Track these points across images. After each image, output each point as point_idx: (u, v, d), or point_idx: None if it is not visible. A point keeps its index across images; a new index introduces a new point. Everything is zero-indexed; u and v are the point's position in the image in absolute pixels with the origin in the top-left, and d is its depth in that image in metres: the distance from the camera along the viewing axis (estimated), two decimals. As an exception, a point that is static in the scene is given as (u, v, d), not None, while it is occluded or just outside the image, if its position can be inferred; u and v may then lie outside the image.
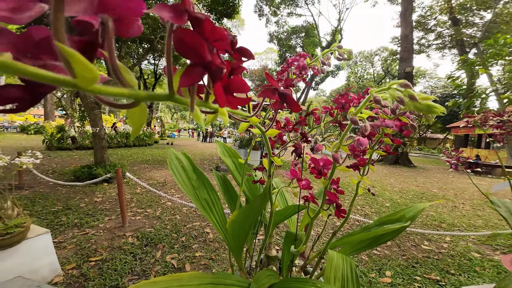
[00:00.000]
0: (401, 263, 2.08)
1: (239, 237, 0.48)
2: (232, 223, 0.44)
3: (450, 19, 16.42)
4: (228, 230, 0.47)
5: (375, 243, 0.65)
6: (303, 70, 0.49)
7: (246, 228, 0.45)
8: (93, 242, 2.08)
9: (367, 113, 0.40)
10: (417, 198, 4.57)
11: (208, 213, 0.55)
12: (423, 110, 0.33)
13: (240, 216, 0.42)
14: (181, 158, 0.60)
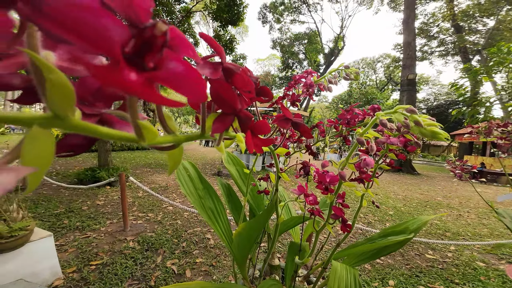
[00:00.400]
0: (405, 272, 2.04)
1: (244, 248, 0.48)
2: (238, 235, 0.44)
3: (452, 26, 16.50)
4: (234, 241, 0.47)
5: (378, 254, 0.65)
6: (310, 87, 0.51)
7: (251, 240, 0.46)
8: (94, 245, 2.08)
9: (373, 133, 0.41)
10: (421, 207, 4.50)
11: (213, 223, 0.55)
12: (428, 135, 0.34)
13: (246, 229, 0.43)
14: (188, 167, 0.61)
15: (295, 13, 23.57)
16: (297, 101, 0.50)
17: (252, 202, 0.65)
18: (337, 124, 0.51)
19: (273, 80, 31.16)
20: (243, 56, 8.14)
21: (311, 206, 0.44)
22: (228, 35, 6.48)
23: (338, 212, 0.41)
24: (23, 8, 0.09)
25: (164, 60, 0.11)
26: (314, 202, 0.43)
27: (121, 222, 2.55)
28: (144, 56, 0.10)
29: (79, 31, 0.09)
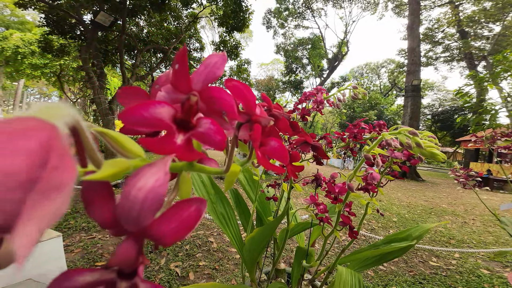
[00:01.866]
0: (408, 279, 2.03)
1: (255, 251, 0.51)
2: (251, 239, 0.47)
3: (458, 32, 16.46)
4: (246, 244, 0.50)
5: (382, 260, 0.67)
6: (320, 104, 0.54)
7: (263, 244, 0.48)
8: (99, 246, 2.12)
9: (379, 151, 0.44)
10: (425, 214, 4.45)
11: (224, 227, 0.58)
12: (427, 155, 0.37)
13: (259, 233, 0.46)
14: (201, 174, 0.64)
15: (299, 19, 23.82)
16: (307, 115, 0.53)
17: (260, 208, 0.68)
18: (344, 136, 0.54)
19: (276, 84, 31.32)
20: (247, 61, 8.24)
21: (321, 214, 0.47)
22: (234, 41, 6.61)
23: (346, 220, 0.44)
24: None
25: (268, 139, 0.18)
26: (324, 211, 0.46)
27: (126, 224, 2.59)
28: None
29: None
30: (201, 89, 0.15)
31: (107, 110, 4.54)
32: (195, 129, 0.14)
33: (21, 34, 13.54)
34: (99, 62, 4.97)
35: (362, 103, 31.15)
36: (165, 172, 0.11)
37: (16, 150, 0.07)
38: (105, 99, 4.65)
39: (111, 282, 0.12)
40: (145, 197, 0.10)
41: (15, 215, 0.07)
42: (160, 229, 0.12)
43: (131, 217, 0.10)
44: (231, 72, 8.97)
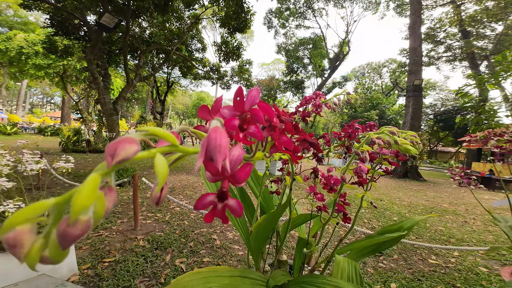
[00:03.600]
0: (407, 276, 2.07)
1: (260, 239, 0.56)
2: (258, 226, 0.52)
3: (460, 32, 16.37)
4: (253, 232, 0.55)
5: (377, 250, 0.72)
6: (319, 108, 0.60)
7: (267, 232, 0.53)
8: (106, 243, 2.19)
9: (367, 147, 0.50)
10: (426, 213, 4.47)
11: (232, 219, 0.64)
12: (403, 150, 0.43)
13: (265, 220, 0.50)
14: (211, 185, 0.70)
15: (300, 18, 23.80)
16: (307, 117, 0.59)
17: (264, 203, 0.73)
18: (341, 136, 0.59)
19: (277, 84, 31.32)
20: (249, 62, 8.30)
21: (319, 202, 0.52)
22: (236, 42, 6.66)
23: (340, 207, 0.49)
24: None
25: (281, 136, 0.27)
26: (321, 199, 0.51)
27: (131, 222, 2.65)
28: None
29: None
30: (249, 110, 0.25)
31: (111, 110, 4.62)
32: (247, 131, 0.25)
33: (25, 35, 13.69)
34: (103, 63, 5.05)
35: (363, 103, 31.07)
36: (241, 148, 0.22)
37: (225, 141, 0.19)
38: (110, 100, 4.72)
39: (215, 202, 0.24)
40: (236, 159, 0.21)
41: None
42: (238, 175, 0.22)
43: (229, 168, 0.20)
44: (232, 72, 9.03)
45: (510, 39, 14.06)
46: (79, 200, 0.14)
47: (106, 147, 0.17)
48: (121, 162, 0.17)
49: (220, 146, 0.18)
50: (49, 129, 18.64)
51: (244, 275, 0.47)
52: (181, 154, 0.22)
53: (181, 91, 21.01)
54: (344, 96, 0.61)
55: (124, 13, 4.93)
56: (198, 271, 0.44)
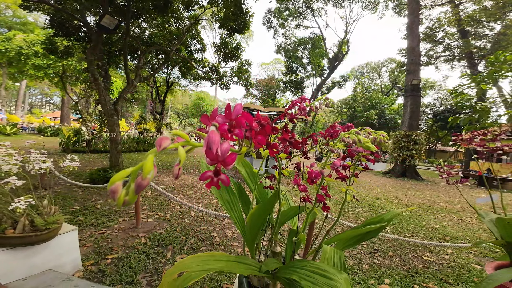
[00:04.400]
0: (401, 272, 2.13)
1: (254, 228, 0.62)
2: (252, 215, 0.58)
3: (458, 31, 16.45)
4: (248, 221, 0.61)
5: (362, 240, 0.78)
6: (303, 110, 0.66)
7: (260, 221, 0.59)
8: (109, 241, 2.25)
9: (341, 146, 0.56)
10: (422, 212, 4.54)
11: (229, 211, 0.70)
12: (365, 147, 0.49)
13: (258, 210, 0.56)
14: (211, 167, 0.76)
15: (299, 18, 23.82)
16: (295, 118, 0.65)
17: (258, 196, 0.79)
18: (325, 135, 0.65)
19: (277, 84, 31.35)
20: (248, 62, 8.36)
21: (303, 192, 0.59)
22: (235, 43, 6.72)
23: (320, 198, 0.55)
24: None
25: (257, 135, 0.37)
26: (304, 190, 0.58)
27: (132, 220, 2.72)
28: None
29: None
30: (234, 118, 0.35)
31: (112, 110, 4.67)
32: (233, 132, 0.35)
33: (24, 35, 13.70)
34: (103, 64, 5.09)
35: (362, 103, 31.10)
36: (229, 144, 0.31)
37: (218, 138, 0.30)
38: (110, 100, 4.77)
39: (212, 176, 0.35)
40: (225, 149, 0.30)
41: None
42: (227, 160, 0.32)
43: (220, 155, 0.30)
44: (232, 72, 9.08)
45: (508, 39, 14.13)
46: (146, 167, 0.27)
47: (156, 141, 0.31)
48: (163, 149, 0.29)
49: (214, 141, 0.30)
50: (49, 129, 18.65)
51: (239, 261, 0.53)
52: (191, 146, 0.34)
53: (180, 91, 21.03)
54: (323, 101, 0.68)
55: (124, 15, 4.98)
56: (198, 255, 0.50)
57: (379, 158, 0.87)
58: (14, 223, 1.32)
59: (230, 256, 0.53)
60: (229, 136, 0.33)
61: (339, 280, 0.44)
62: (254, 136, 0.37)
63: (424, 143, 10.71)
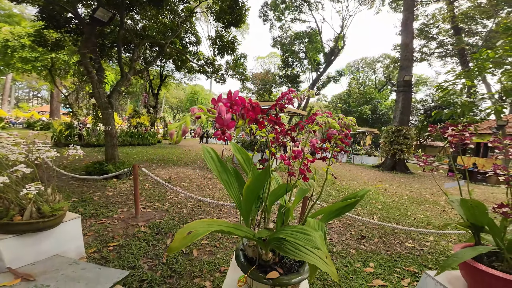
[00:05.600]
0: (385, 257, 2.31)
1: (249, 201, 0.72)
2: (246, 189, 0.69)
3: (452, 28, 16.70)
4: (243, 195, 0.71)
5: (341, 213, 0.90)
6: (290, 100, 0.77)
7: (254, 195, 0.69)
8: (109, 230, 2.33)
9: (317, 127, 0.67)
10: (408, 202, 4.78)
11: (228, 189, 0.80)
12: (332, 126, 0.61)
13: (252, 183, 0.66)
14: (211, 152, 0.87)
15: (296, 12, 23.60)
16: (284, 108, 0.77)
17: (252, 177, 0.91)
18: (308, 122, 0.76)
19: (273, 78, 31.22)
20: (244, 56, 8.34)
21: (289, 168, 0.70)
22: (230, 36, 6.69)
23: (302, 171, 0.66)
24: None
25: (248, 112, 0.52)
26: (289, 164, 0.69)
27: (131, 210, 2.80)
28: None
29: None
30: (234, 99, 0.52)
31: (106, 104, 4.65)
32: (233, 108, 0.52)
33: (11, 28, 13.13)
34: (96, 57, 5.02)
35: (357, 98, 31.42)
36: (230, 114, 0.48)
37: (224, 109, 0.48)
38: (104, 93, 4.74)
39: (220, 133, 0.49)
40: (228, 117, 0.47)
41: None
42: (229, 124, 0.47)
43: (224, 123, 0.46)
44: (227, 66, 9.05)
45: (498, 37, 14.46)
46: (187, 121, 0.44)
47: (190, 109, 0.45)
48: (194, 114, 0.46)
49: (222, 110, 0.46)
50: (38, 123, 18.18)
51: (237, 227, 0.64)
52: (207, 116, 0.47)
53: (174, 84, 20.73)
54: (306, 92, 0.79)
55: (118, 7, 4.89)
56: (202, 220, 0.60)
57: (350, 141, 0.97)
58: (21, 210, 1.39)
59: (230, 224, 0.64)
60: (230, 110, 0.49)
61: (314, 235, 0.56)
62: (247, 112, 0.52)
63: (414, 138, 11.05)
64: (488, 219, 1.13)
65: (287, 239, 0.59)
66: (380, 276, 1.97)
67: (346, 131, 0.72)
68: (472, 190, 1.34)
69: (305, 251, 0.58)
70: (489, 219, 1.15)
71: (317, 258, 0.56)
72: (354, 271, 1.99)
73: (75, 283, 1.27)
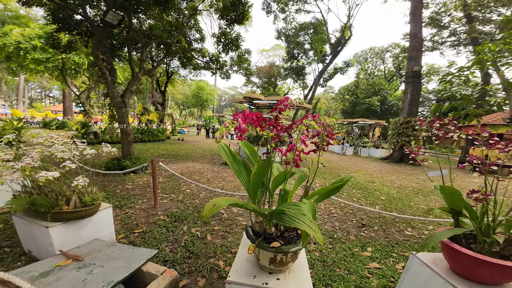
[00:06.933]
0: (383, 243, 2.49)
1: (256, 184, 0.93)
2: (254, 175, 0.89)
3: (465, 16, 15.96)
4: (251, 179, 0.93)
5: (330, 194, 1.10)
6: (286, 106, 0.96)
7: (259, 179, 0.90)
8: (133, 219, 2.63)
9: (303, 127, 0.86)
10: (413, 194, 4.88)
11: (238, 176, 1.02)
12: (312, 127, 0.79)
13: (258, 170, 0.87)
14: (225, 147, 1.09)
15: (300, 2, 23.07)
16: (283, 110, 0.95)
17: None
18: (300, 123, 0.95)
19: (278, 71, 30.90)
20: (248, 51, 8.44)
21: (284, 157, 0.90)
22: (234, 33, 6.80)
23: (295, 160, 0.87)
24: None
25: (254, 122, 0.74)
26: (284, 154, 0.89)
27: (150, 201, 3.09)
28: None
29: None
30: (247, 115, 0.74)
31: (120, 103, 4.94)
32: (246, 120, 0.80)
33: (21, 30, 13.61)
34: (108, 58, 5.28)
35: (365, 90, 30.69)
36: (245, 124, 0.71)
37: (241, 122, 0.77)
38: (118, 93, 5.03)
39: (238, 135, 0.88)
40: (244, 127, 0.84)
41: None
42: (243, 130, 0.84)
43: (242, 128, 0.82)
44: (232, 62, 9.17)
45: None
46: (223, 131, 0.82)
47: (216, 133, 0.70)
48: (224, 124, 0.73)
49: (241, 123, 0.81)
50: (54, 122, 19.01)
51: (248, 204, 0.85)
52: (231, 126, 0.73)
53: (180, 81, 21.01)
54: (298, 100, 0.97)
55: (126, 9, 5.09)
56: (222, 198, 0.81)
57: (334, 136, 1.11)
58: (67, 201, 1.66)
59: (243, 201, 0.85)
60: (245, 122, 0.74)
61: (303, 206, 0.77)
62: (254, 122, 0.75)
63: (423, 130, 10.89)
64: (465, 204, 1.29)
65: (284, 212, 0.79)
66: (376, 260, 2.15)
67: (329, 129, 0.92)
68: (453, 178, 1.49)
69: (297, 220, 0.78)
70: (466, 204, 1.32)
71: (304, 225, 0.76)
72: (352, 255, 2.19)
73: (115, 261, 1.53)
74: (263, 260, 0.99)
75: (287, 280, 1.01)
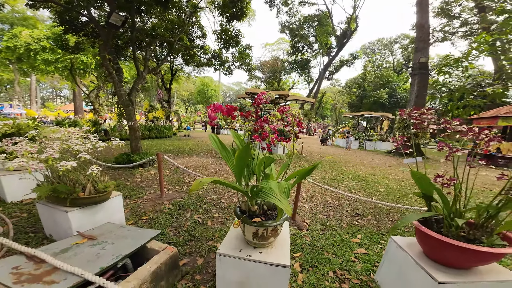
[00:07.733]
0: (374, 231, 2.60)
1: (239, 166, 1.10)
2: (237, 157, 1.06)
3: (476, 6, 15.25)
4: (235, 161, 1.10)
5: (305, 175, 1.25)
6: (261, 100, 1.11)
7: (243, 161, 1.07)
8: (141, 207, 2.86)
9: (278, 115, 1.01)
10: (414, 186, 4.91)
11: (227, 161, 1.19)
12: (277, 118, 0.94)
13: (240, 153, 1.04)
14: (214, 137, 1.26)
15: (304, -6, 22.64)
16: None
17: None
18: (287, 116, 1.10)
19: (282, 65, 30.59)
20: (249, 47, 8.50)
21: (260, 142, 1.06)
22: (234, 30, 6.89)
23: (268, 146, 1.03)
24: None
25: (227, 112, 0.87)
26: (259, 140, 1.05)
27: (157, 192, 3.33)
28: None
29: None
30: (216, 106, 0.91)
31: (127, 101, 5.19)
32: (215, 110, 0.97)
33: (29, 31, 14.05)
34: (114, 58, 5.51)
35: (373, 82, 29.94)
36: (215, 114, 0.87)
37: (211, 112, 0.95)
38: (125, 92, 5.27)
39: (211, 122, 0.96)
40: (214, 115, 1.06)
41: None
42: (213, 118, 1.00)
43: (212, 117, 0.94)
44: (233, 57, 9.27)
45: None
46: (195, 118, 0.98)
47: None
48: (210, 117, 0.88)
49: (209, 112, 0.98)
50: (66, 121, 19.79)
51: (230, 184, 1.02)
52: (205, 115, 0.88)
53: (185, 78, 21.25)
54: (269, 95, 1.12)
55: (129, 10, 5.27)
56: (209, 177, 0.98)
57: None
58: (82, 188, 1.88)
59: (225, 180, 1.02)
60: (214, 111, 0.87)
61: (271, 183, 0.93)
62: (222, 111, 0.90)
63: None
64: (435, 189, 1.40)
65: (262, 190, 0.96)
66: (364, 246, 2.24)
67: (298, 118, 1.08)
68: (429, 166, 1.60)
69: (269, 195, 0.95)
70: (437, 189, 1.43)
71: (274, 199, 0.92)
72: (341, 241, 2.33)
73: (124, 239, 1.74)
74: (248, 235, 1.17)
75: (268, 254, 1.18)
